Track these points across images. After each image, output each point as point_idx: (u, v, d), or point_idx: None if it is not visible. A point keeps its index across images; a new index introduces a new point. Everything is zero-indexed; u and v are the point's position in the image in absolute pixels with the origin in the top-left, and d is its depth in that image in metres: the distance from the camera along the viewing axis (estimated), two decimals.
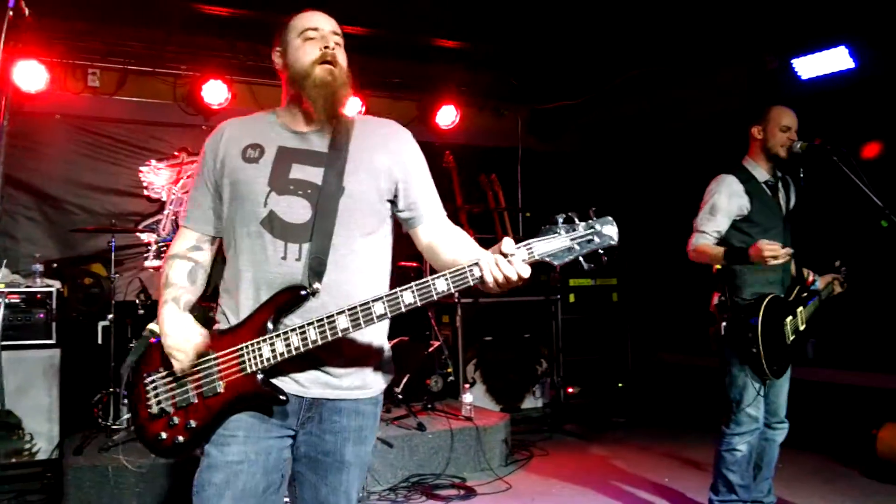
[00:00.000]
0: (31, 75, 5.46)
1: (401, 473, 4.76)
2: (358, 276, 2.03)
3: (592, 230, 1.80)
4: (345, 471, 2.04)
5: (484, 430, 5.12)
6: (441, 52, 6.58)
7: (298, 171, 2.02)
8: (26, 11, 2.26)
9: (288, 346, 1.91)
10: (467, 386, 5.71)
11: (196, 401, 1.96)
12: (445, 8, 5.67)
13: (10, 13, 2.23)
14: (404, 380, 5.53)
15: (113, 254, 5.08)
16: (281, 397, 1.94)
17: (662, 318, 7.27)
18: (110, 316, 4.96)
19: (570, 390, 6.80)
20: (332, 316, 1.87)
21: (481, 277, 1.79)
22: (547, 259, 1.80)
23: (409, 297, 1.84)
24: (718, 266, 3.63)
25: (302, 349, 1.90)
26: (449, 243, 2.09)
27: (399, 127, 2.20)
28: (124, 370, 2.08)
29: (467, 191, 6.99)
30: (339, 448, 2.03)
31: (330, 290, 1.96)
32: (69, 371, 4.83)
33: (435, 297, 1.84)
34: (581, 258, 1.81)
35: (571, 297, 6.99)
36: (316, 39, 2.05)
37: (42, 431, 4.64)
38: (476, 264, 1.79)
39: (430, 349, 5.84)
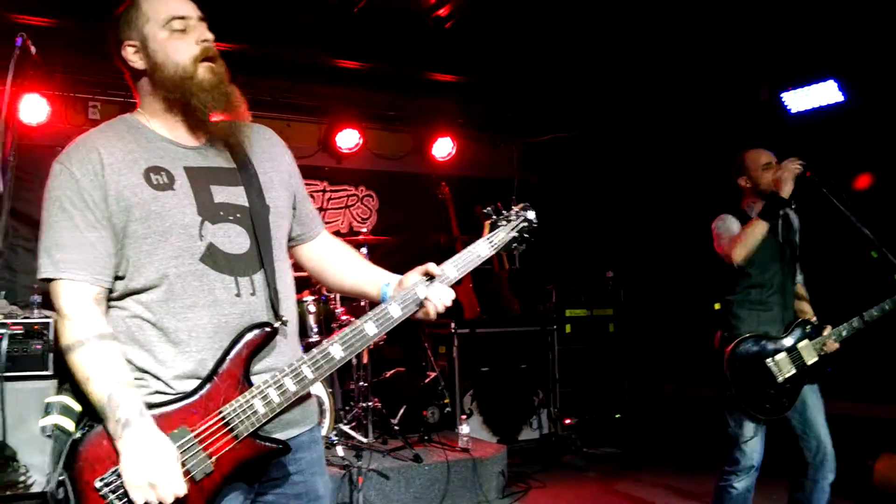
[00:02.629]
0: (32, 108, 5.51)
1: None
2: (293, 300, 1.88)
3: (522, 216, 2.04)
4: None
5: (481, 461, 5.10)
6: (437, 85, 6.69)
7: (221, 194, 1.75)
8: (33, 50, 2.31)
9: (283, 392, 1.68)
10: (464, 417, 5.70)
11: (185, 490, 1.58)
12: (441, 43, 5.78)
13: (18, 51, 2.28)
14: (401, 411, 5.52)
15: None
16: (281, 447, 1.71)
17: (662, 348, 7.27)
18: None
19: (568, 421, 6.78)
20: (325, 349, 1.73)
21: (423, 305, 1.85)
22: (500, 251, 2.01)
23: (396, 310, 1.82)
24: (718, 305, 3.64)
25: (301, 392, 1.71)
26: (349, 259, 2.03)
27: (272, 131, 1.99)
28: (53, 489, 1.57)
29: (463, 222, 7.04)
30: (311, 486, 1.84)
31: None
32: None
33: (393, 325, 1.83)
34: (515, 242, 2.02)
35: (568, 328, 7.00)
36: (188, 31, 1.74)
37: (36, 464, 4.59)
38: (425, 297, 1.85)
39: (427, 380, 5.84)
